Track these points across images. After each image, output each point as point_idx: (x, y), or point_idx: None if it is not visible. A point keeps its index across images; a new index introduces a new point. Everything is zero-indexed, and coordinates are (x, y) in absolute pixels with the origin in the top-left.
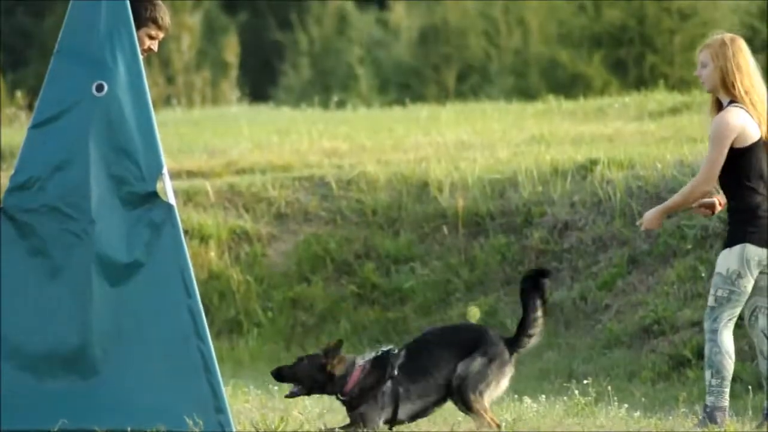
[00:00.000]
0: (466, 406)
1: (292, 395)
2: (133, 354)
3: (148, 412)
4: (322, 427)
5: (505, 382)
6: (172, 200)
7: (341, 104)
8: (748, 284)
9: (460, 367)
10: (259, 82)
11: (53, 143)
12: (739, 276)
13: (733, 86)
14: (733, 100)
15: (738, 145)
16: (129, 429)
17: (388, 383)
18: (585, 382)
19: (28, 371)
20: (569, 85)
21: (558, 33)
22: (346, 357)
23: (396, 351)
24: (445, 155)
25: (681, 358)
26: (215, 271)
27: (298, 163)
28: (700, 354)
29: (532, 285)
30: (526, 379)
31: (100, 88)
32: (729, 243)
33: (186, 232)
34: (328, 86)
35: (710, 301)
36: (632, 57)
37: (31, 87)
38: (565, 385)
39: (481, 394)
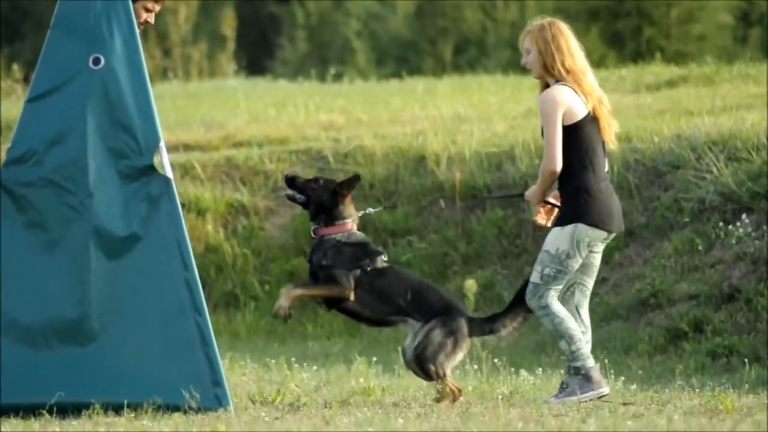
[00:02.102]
0: (426, 374)
1: (291, 198)
2: (130, 327)
3: (145, 385)
4: (319, 400)
5: (461, 355)
6: (169, 173)
7: (338, 77)
8: (576, 264)
9: (420, 336)
10: (256, 55)
11: (50, 117)
12: (568, 256)
13: (554, 68)
14: (559, 82)
15: (566, 123)
16: (126, 402)
17: (357, 270)
18: None
19: (25, 344)
20: None
21: (555, 6)
22: (352, 207)
23: (384, 258)
24: (442, 128)
25: (678, 331)
26: (212, 244)
27: (295, 137)
28: (697, 327)
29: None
30: (523, 352)
31: (96, 61)
32: (561, 221)
33: (183, 205)
34: (325, 59)
35: (535, 277)
36: (629, 30)
37: (27, 60)
38: (561, 358)
39: (441, 364)
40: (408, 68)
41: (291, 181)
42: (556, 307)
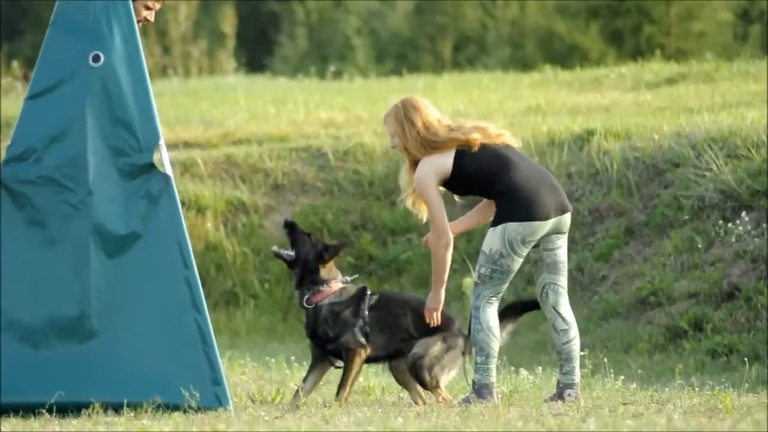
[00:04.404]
0: (422, 384)
1: (277, 255)
2: (129, 325)
3: (145, 384)
4: (319, 400)
5: (454, 372)
6: (169, 171)
7: (338, 75)
8: (512, 263)
9: (419, 346)
10: (256, 53)
11: (50, 114)
12: (501, 255)
13: (418, 142)
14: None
15: (456, 175)
16: (125, 401)
17: (359, 320)
18: (581, 353)
19: (25, 342)
20: (566, 56)
21: (555, 3)
22: (335, 268)
23: (369, 292)
24: None
25: (677, 329)
26: (212, 242)
27: (295, 134)
28: (696, 325)
29: (515, 312)
30: (523, 351)
31: (96, 58)
32: (493, 223)
33: (183, 203)
34: (325, 57)
35: (474, 276)
36: (629, 27)
37: (27, 57)
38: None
39: (436, 376)
40: (408, 66)
41: (290, 227)
42: (486, 315)
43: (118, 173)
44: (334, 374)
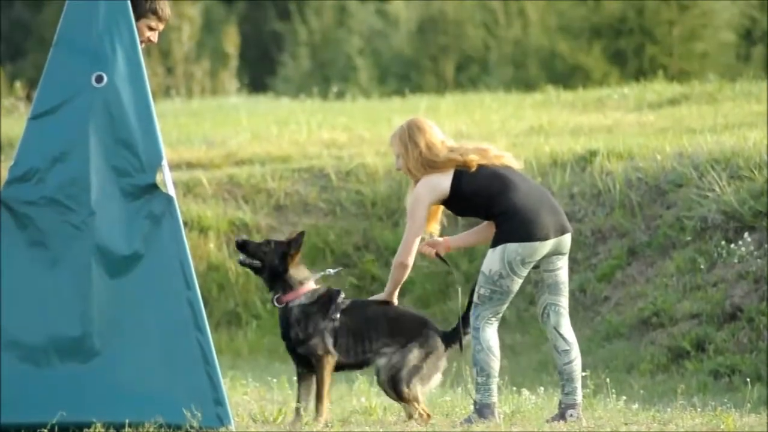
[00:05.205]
0: (399, 396)
1: (242, 263)
2: (132, 345)
3: (147, 404)
4: (320, 419)
5: (438, 377)
6: (171, 192)
7: (340, 95)
8: (512, 284)
9: (396, 357)
10: (259, 73)
11: (53, 134)
12: (501, 276)
13: (419, 161)
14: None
15: (454, 195)
16: (127, 421)
17: (329, 323)
18: (583, 374)
19: (27, 362)
20: (568, 76)
21: (557, 23)
22: (304, 267)
23: (342, 296)
24: None
25: (680, 350)
26: (214, 262)
27: (297, 155)
28: (699, 346)
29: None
30: (525, 371)
31: (99, 79)
32: (492, 244)
33: (185, 223)
34: (327, 77)
35: (475, 298)
36: (631, 48)
37: (30, 78)
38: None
39: (414, 386)
40: (410, 86)
41: (243, 246)
42: (485, 335)
43: (121, 193)
44: (335, 393)
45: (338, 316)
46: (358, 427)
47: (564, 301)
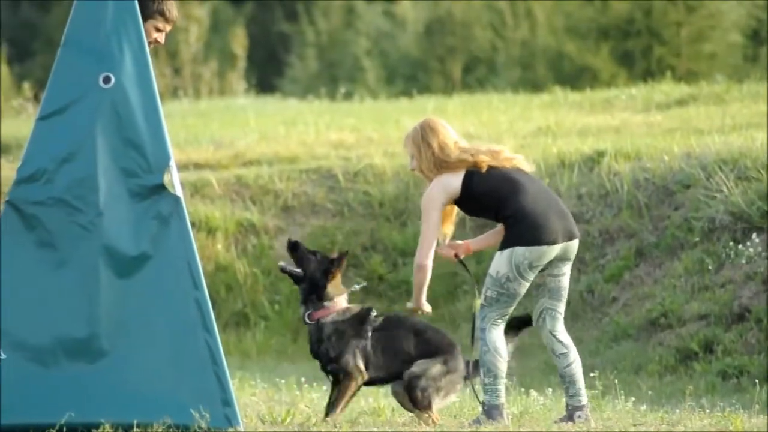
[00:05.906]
0: (413, 401)
1: (284, 270)
2: (140, 346)
3: (155, 405)
4: (329, 421)
5: (452, 397)
6: (179, 192)
7: (348, 96)
8: (519, 287)
9: (418, 366)
10: (266, 74)
11: (60, 135)
12: (508, 279)
13: (432, 162)
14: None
15: (465, 195)
16: (135, 421)
17: (362, 341)
18: (592, 375)
19: (34, 363)
20: (576, 77)
21: (565, 24)
22: (340, 284)
23: (374, 313)
24: None
25: (688, 351)
26: (222, 263)
27: (305, 155)
28: (707, 347)
29: (514, 329)
30: (533, 373)
31: (107, 80)
32: (501, 247)
33: (193, 224)
34: (335, 78)
35: (481, 300)
36: (639, 49)
37: (37, 78)
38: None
39: (429, 397)
40: (418, 87)
41: (294, 246)
42: (492, 336)
43: (129, 194)
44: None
45: (371, 334)
46: (366, 428)
47: (561, 307)
